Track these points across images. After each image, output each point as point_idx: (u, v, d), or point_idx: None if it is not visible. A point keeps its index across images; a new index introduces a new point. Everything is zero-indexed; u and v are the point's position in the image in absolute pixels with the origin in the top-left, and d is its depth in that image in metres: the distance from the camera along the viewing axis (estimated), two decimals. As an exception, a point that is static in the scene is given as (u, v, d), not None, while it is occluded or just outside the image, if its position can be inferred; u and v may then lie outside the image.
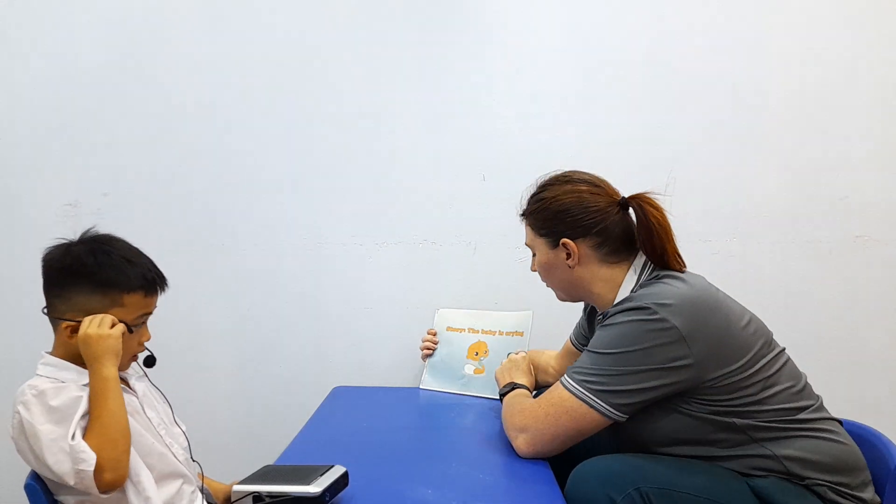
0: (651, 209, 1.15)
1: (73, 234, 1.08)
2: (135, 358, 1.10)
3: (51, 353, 1.05)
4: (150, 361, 1.12)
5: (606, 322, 1.12)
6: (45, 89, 1.86)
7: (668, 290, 1.08)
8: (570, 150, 1.85)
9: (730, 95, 1.85)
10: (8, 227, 1.87)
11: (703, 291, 1.09)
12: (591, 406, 1.08)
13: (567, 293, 1.29)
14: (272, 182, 1.88)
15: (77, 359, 1.03)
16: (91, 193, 1.87)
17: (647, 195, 1.18)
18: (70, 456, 0.89)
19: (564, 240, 1.20)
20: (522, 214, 1.30)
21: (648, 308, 1.05)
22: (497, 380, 1.45)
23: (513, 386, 1.35)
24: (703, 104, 1.85)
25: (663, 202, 1.17)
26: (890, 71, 1.85)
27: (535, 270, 1.33)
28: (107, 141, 1.87)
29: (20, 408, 0.94)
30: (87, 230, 1.07)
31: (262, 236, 1.88)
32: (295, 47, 1.86)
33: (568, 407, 1.10)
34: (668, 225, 1.16)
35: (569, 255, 1.21)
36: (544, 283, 1.33)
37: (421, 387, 1.70)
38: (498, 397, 1.39)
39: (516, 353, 1.51)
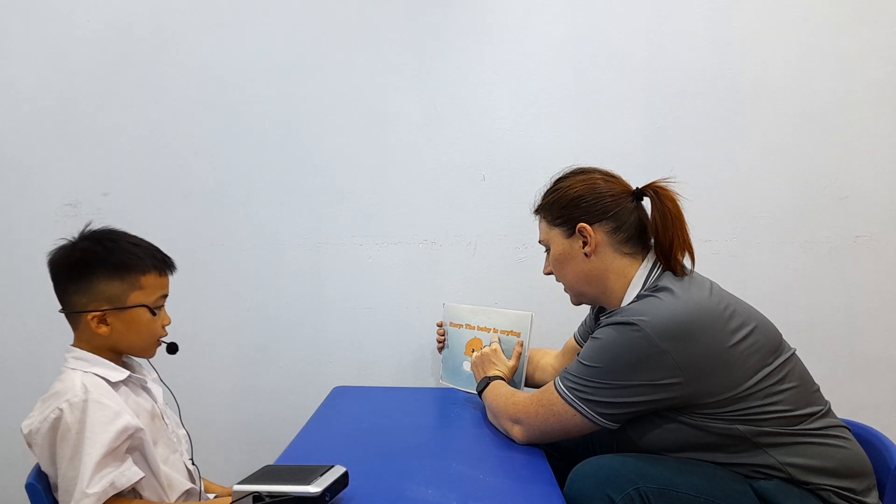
0: (667, 194, 1.16)
1: (72, 234, 1.09)
2: (158, 344, 1.11)
3: (76, 347, 1.06)
4: (172, 348, 1.13)
5: (595, 334, 1.12)
6: (45, 89, 1.86)
7: (659, 306, 1.06)
8: (570, 149, 1.85)
9: (730, 95, 1.86)
10: (8, 227, 1.87)
11: (695, 309, 1.05)
12: (579, 411, 1.10)
13: (582, 289, 1.25)
14: (272, 182, 1.88)
15: (104, 351, 1.04)
16: (91, 193, 1.87)
17: (661, 183, 1.19)
18: (102, 487, 0.91)
19: (581, 225, 1.19)
20: (536, 210, 1.30)
21: (635, 325, 1.04)
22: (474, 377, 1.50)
23: (487, 380, 1.38)
24: (703, 104, 1.86)
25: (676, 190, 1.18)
26: (890, 70, 1.85)
27: (547, 273, 1.31)
28: (107, 141, 1.87)
29: (65, 406, 0.94)
30: (85, 227, 1.09)
31: (262, 236, 1.88)
32: (295, 47, 1.87)
33: (556, 410, 1.13)
34: (682, 213, 1.17)
35: (585, 243, 1.19)
36: (560, 284, 1.30)
37: (440, 382, 1.73)
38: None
39: (488, 346, 1.52)
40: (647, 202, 1.22)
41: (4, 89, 1.86)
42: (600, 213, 1.19)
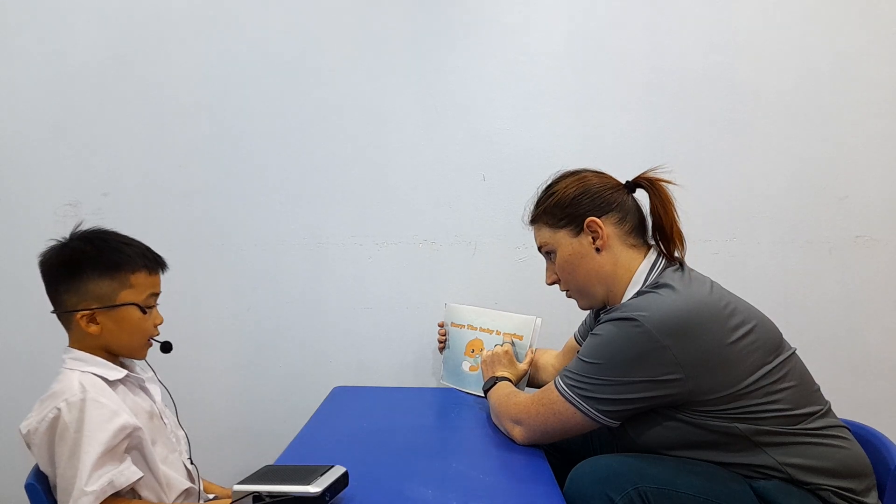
0: (659, 181, 1.19)
1: (64, 235, 1.09)
2: (150, 344, 1.11)
3: (72, 348, 1.06)
4: (166, 347, 1.13)
5: (595, 330, 1.12)
6: (44, 89, 1.86)
7: (659, 302, 1.06)
8: (569, 150, 1.85)
9: (730, 95, 1.86)
10: (8, 227, 1.87)
11: (696, 305, 1.05)
12: (579, 409, 1.09)
13: (592, 289, 1.22)
14: (272, 182, 1.88)
15: (99, 351, 1.04)
16: (91, 193, 1.87)
17: (650, 173, 1.21)
18: (100, 485, 0.91)
19: (591, 219, 1.18)
20: (533, 220, 1.28)
21: (635, 320, 1.04)
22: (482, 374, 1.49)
23: (494, 380, 1.38)
24: (702, 104, 1.86)
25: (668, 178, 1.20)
26: (890, 70, 1.85)
27: (551, 282, 1.29)
28: (106, 141, 1.87)
29: (63, 406, 0.94)
30: (76, 227, 1.09)
31: (262, 236, 1.88)
32: (294, 46, 1.87)
33: (557, 409, 1.13)
34: (673, 201, 1.19)
35: (595, 238, 1.19)
36: (565, 292, 1.28)
37: (441, 382, 1.73)
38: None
39: (500, 346, 1.51)
40: (639, 196, 1.24)
41: (4, 89, 1.86)
42: (604, 206, 1.19)
